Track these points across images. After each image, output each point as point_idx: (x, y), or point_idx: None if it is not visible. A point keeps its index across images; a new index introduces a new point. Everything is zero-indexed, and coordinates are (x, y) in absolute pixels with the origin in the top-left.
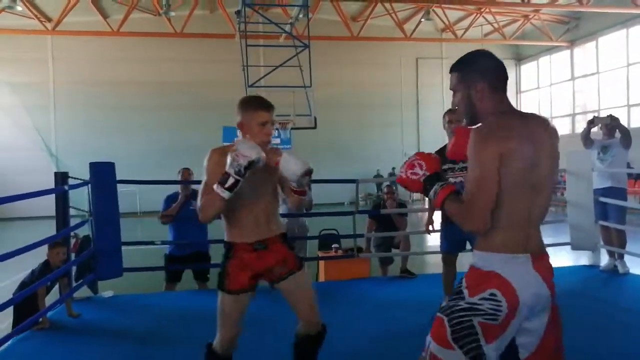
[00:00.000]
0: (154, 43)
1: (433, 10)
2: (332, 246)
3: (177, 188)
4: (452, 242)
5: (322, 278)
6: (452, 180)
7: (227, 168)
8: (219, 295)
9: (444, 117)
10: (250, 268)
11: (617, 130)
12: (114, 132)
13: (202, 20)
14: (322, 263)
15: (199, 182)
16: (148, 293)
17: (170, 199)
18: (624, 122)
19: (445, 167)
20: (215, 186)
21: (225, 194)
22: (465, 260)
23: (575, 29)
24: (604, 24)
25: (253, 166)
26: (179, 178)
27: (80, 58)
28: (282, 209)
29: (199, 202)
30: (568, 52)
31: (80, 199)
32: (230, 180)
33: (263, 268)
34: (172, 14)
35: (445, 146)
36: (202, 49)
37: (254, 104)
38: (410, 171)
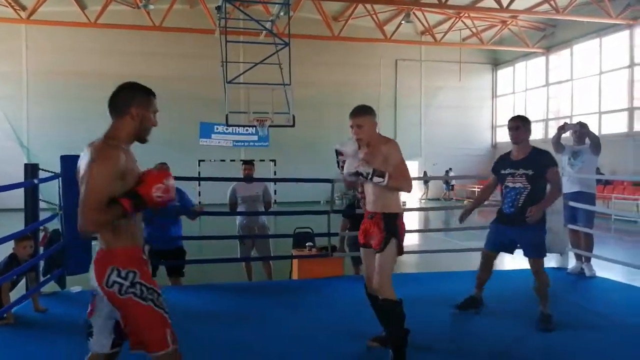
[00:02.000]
0: (132, 36)
1: (413, 13)
2: (307, 245)
3: None
4: (498, 242)
5: (295, 276)
6: (510, 185)
7: None
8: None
9: (509, 122)
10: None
11: (587, 136)
12: (88, 124)
13: (181, 14)
14: (295, 261)
15: (177, 178)
16: None
17: None
18: (595, 128)
19: (505, 172)
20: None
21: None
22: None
23: (551, 36)
24: (579, 32)
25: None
26: None
27: (56, 49)
28: (241, 208)
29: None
30: (543, 58)
31: (51, 192)
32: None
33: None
34: (151, 7)
35: (509, 152)
36: (181, 43)
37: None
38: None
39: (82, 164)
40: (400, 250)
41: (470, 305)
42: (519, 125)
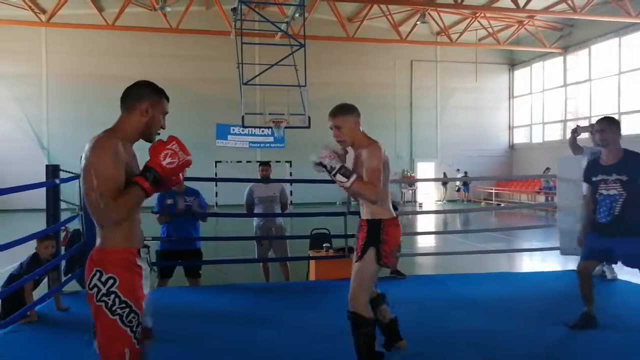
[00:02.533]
0: (149, 38)
1: (429, 13)
2: (323, 245)
3: None
4: (596, 253)
5: (312, 277)
6: (604, 192)
7: None
8: (374, 265)
9: (592, 126)
10: None
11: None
12: (106, 126)
13: (197, 16)
14: (313, 262)
15: (193, 179)
16: None
17: (164, 197)
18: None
19: (597, 178)
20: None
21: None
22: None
23: (568, 36)
24: (597, 32)
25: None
26: None
27: (75, 51)
28: (257, 209)
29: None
30: (561, 58)
31: (70, 192)
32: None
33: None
34: (168, 9)
35: (598, 157)
36: (197, 45)
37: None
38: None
39: (83, 157)
40: (383, 260)
41: (586, 324)
42: (604, 127)
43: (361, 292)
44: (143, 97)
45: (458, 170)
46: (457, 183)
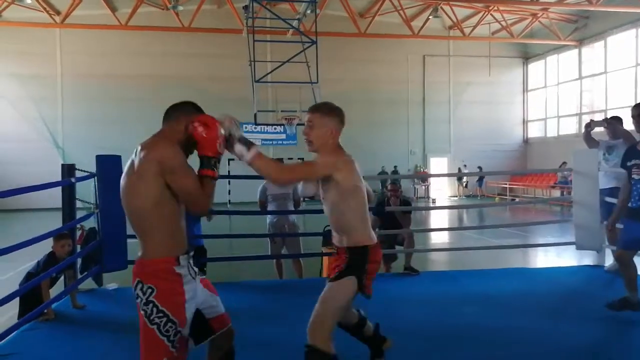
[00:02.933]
0: (161, 37)
1: (441, 7)
2: None
3: None
4: (632, 240)
5: (325, 274)
6: (636, 177)
7: None
8: (351, 292)
9: (632, 110)
10: None
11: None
12: (120, 125)
13: (209, 15)
14: (326, 259)
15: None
16: None
17: None
18: (630, 123)
19: (631, 163)
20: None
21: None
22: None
23: (583, 28)
24: (613, 23)
25: None
26: None
27: (88, 51)
28: (270, 206)
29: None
30: (576, 51)
31: (85, 191)
32: None
33: None
34: (180, 8)
35: (637, 143)
36: (209, 43)
37: None
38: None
39: (140, 159)
40: (366, 290)
41: (625, 306)
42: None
43: (326, 324)
44: (189, 114)
45: (465, 165)
46: (465, 178)
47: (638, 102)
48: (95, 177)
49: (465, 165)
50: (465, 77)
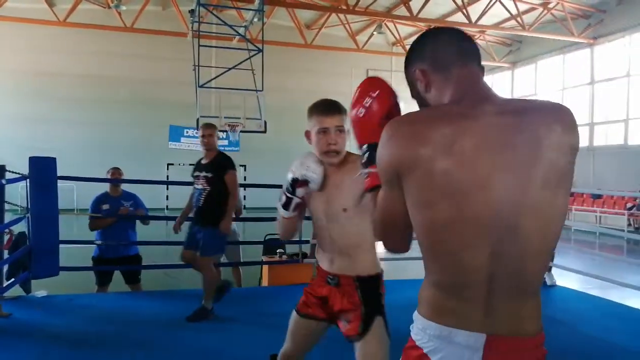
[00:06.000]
0: (102, 36)
1: (385, 24)
2: (277, 251)
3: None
4: None
5: (265, 282)
6: None
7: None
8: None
9: None
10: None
11: None
12: (54, 125)
13: (154, 16)
14: (266, 268)
15: (143, 182)
16: (83, 293)
17: (99, 201)
18: (585, 140)
19: None
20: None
21: (283, 212)
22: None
23: (517, 52)
24: (543, 49)
25: (303, 184)
26: (108, 177)
27: (22, 46)
28: None
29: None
30: (510, 72)
31: (14, 193)
32: (283, 198)
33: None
34: (123, 8)
35: None
36: (152, 45)
37: (313, 110)
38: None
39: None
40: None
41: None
42: None
43: None
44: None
45: None
46: None
47: None
48: (28, 180)
49: None
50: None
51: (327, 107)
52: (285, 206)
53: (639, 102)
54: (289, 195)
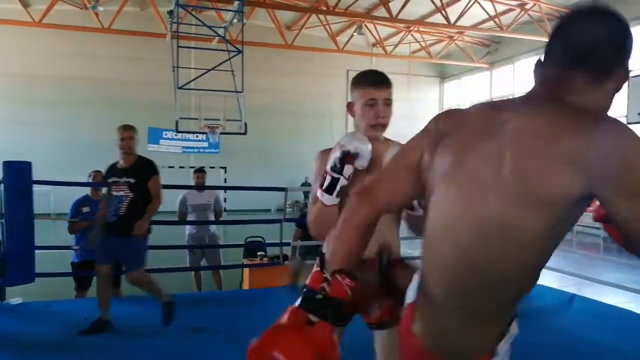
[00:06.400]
0: (79, 37)
1: (365, 25)
2: (258, 254)
3: (87, 190)
4: None
5: (246, 285)
6: None
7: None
8: None
9: None
10: None
11: None
12: (29, 127)
13: (132, 17)
14: (246, 271)
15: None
16: (61, 300)
17: (79, 204)
18: None
19: None
20: (317, 191)
21: (325, 198)
22: None
23: (495, 52)
24: (521, 49)
25: (352, 160)
26: (89, 180)
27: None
28: (190, 217)
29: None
30: (488, 73)
31: None
32: (327, 180)
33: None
34: (100, 9)
35: None
36: (130, 46)
37: (360, 80)
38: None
39: None
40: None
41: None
42: None
43: None
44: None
45: None
46: None
47: None
48: (2, 185)
49: None
50: (397, 94)
51: (376, 79)
52: (329, 189)
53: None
54: (335, 175)
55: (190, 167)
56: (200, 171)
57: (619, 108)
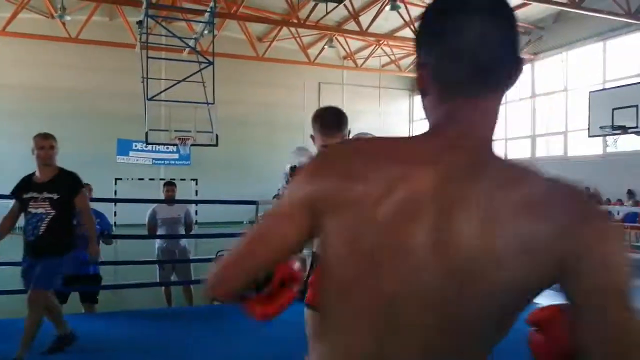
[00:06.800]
0: (45, 46)
1: (336, 38)
2: None
3: None
4: None
5: (217, 301)
6: None
7: None
8: None
9: None
10: None
11: None
12: None
13: (100, 27)
14: None
15: (100, 200)
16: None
17: None
18: (527, 152)
19: None
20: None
21: None
22: None
23: None
24: None
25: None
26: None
27: None
28: (160, 231)
29: None
30: None
31: None
32: (282, 194)
33: None
34: (68, 18)
35: None
36: (99, 56)
37: (317, 121)
38: None
39: None
40: None
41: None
42: None
43: None
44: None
45: None
46: None
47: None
48: None
49: None
50: (358, 106)
51: (330, 128)
52: None
53: (577, 116)
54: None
55: (161, 179)
56: (170, 184)
57: (580, 123)
